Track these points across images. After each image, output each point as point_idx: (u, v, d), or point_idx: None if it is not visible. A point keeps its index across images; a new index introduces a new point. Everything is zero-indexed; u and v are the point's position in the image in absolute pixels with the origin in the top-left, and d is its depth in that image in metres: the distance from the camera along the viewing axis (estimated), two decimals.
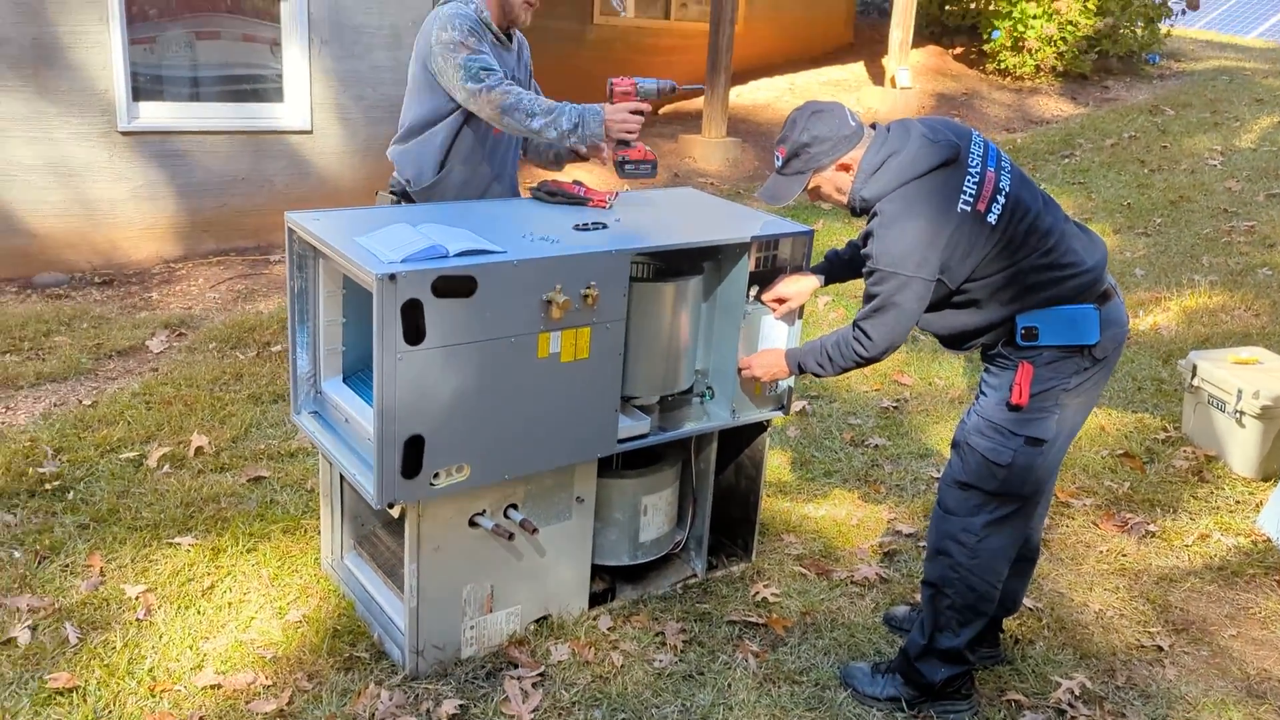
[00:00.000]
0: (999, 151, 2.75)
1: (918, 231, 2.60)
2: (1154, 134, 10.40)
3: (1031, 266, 2.64)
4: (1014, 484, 2.75)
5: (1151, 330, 6.05)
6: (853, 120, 2.73)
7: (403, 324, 2.51)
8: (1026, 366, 2.68)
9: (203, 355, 5.05)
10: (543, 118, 3.09)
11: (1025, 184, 2.71)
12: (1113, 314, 2.71)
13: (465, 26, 3.18)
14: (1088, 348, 2.66)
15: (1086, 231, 2.80)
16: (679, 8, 11.98)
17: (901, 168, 2.65)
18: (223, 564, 3.36)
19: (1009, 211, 2.63)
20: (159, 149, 6.43)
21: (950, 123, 2.78)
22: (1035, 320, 2.66)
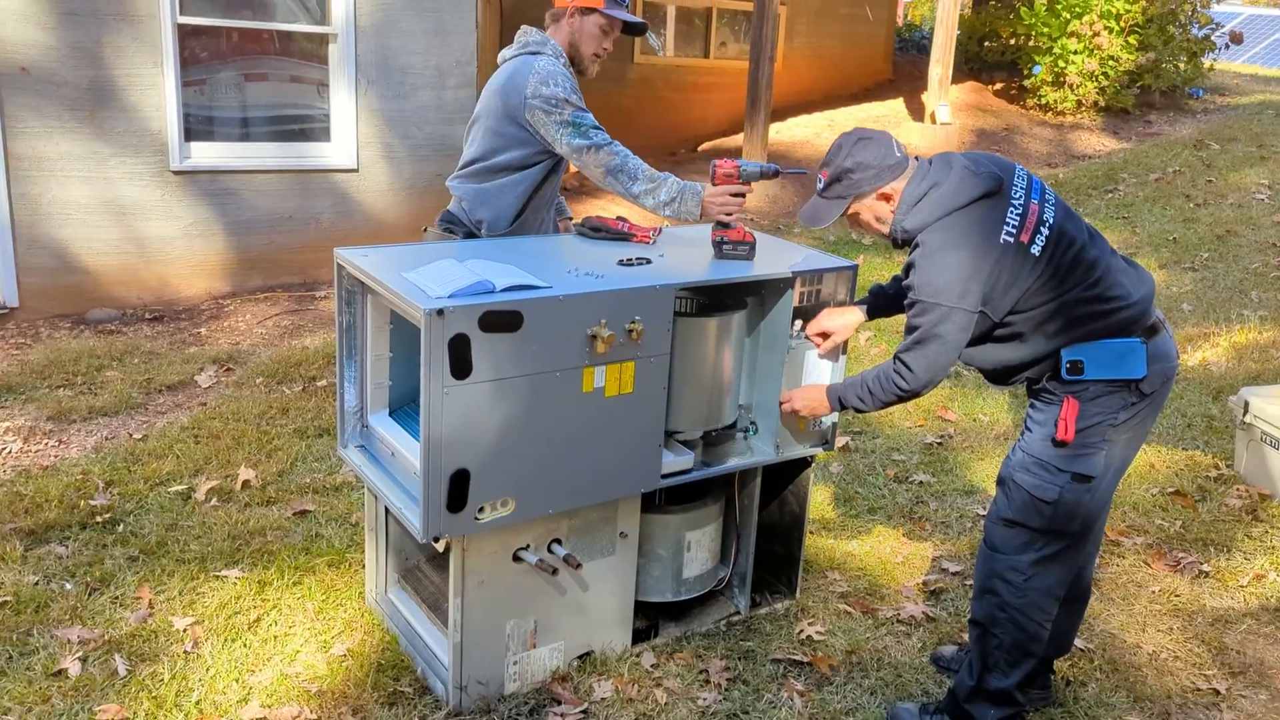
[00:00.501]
0: (1043, 185, 2.74)
1: (960, 263, 2.59)
2: (1199, 168, 10.30)
3: (1077, 299, 2.62)
4: (1061, 521, 2.71)
5: (1201, 366, 5.95)
6: (898, 151, 2.74)
7: (450, 359, 2.53)
8: (1072, 402, 2.65)
9: (250, 390, 5.13)
10: (644, 184, 3.17)
11: (1070, 217, 2.70)
12: (1161, 348, 2.68)
13: (568, 84, 3.23)
14: (1134, 382, 2.63)
15: (1133, 265, 2.78)
16: (718, 46, 12.09)
17: (944, 199, 2.65)
18: (269, 597, 3.38)
19: (1053, 243, 2.62)
20: (209, 188, 6.58)
21: (993, 156, 2.78)
22: (1081, 354, 2.63)
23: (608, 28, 3.32)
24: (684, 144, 11.70)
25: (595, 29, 3.30)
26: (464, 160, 3.47)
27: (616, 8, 3.30)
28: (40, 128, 5.96)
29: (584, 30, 3.31)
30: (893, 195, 2.73)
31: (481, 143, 3.40)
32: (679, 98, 11.69)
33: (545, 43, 3.34)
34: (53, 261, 6.15)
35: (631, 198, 3.20)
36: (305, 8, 6.84)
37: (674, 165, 10.55)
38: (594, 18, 3.30)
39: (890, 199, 2.74)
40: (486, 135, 3.37)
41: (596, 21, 3.30)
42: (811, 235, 8.71)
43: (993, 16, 13.48)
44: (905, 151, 2.76)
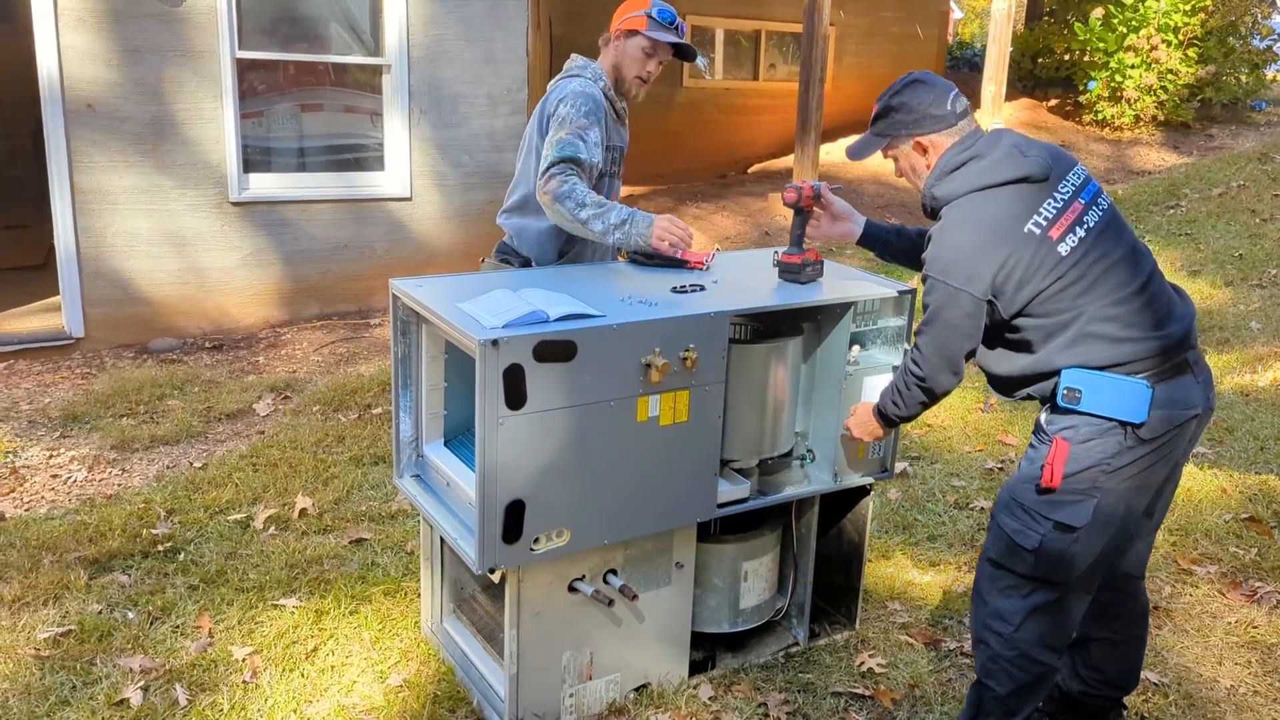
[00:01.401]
0: (1100, 189, 2.58)
1: (974, 242, 2.45)
2: (1264, 182, 10.05)
3: (1094, 316, 2.43)
4: (1045, 570, 2.50)
5: (1273, 386, 5.77)
6: (952, 105, 2.58)
7: (504, 389, 2.52)
8: (1062, 444, 2.45)
9: (307, 418, 5.18)
10: (593, 209, 3.08)
11: (1116, 229, 2.51)
12: (1175, 394, 2.45)
13: (585, 108, 3.18)
14: (1131, 425, 2.42)
15: (1180, 296, 2.58)
16: (767, 68, 12.09)
17: (979, 173, 2.50)
18: (326, 626, 3.39)
19: (1086, 248, 2.44)
20: (267, 218, 6.69)
21: (1052, 147, 2.62)
22: (1081, 382, 2.44)
23: (650, 50, 3.28)
24: (733, 166, 11.69)
25: (638, 52, 3.27)
26: (509, 194, 3.47)
27: (660, 30, 3.26)
28: (104, 162, 6.11)
29: (627, 53, 3.29)
30: (930, 149, 2.59)
31: (523, 177, 3.40)
32: (728, 120, 11.69)
33: (586, 66, 3.34)
34: (117, 292, 6.28)
35: (580, 222, 3.09)
36: (359, 39, 6.95)
37: (723, 187, 10.54)
38: (637, 40, 3.27)
39: (927, 153, 2.60)
40: (525, 170, 3.38)
41: (639, 44, 3.27)
42: (864, 257, 8.63)
43: (1046, 32, 13.33)
44: (965, 110, 2.60)
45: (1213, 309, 7.26)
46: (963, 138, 2.58)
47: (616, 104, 3.37)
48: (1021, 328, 2.51)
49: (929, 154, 2.60)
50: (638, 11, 3.27)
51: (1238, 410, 5.47)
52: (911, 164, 2.66)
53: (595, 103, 3.22)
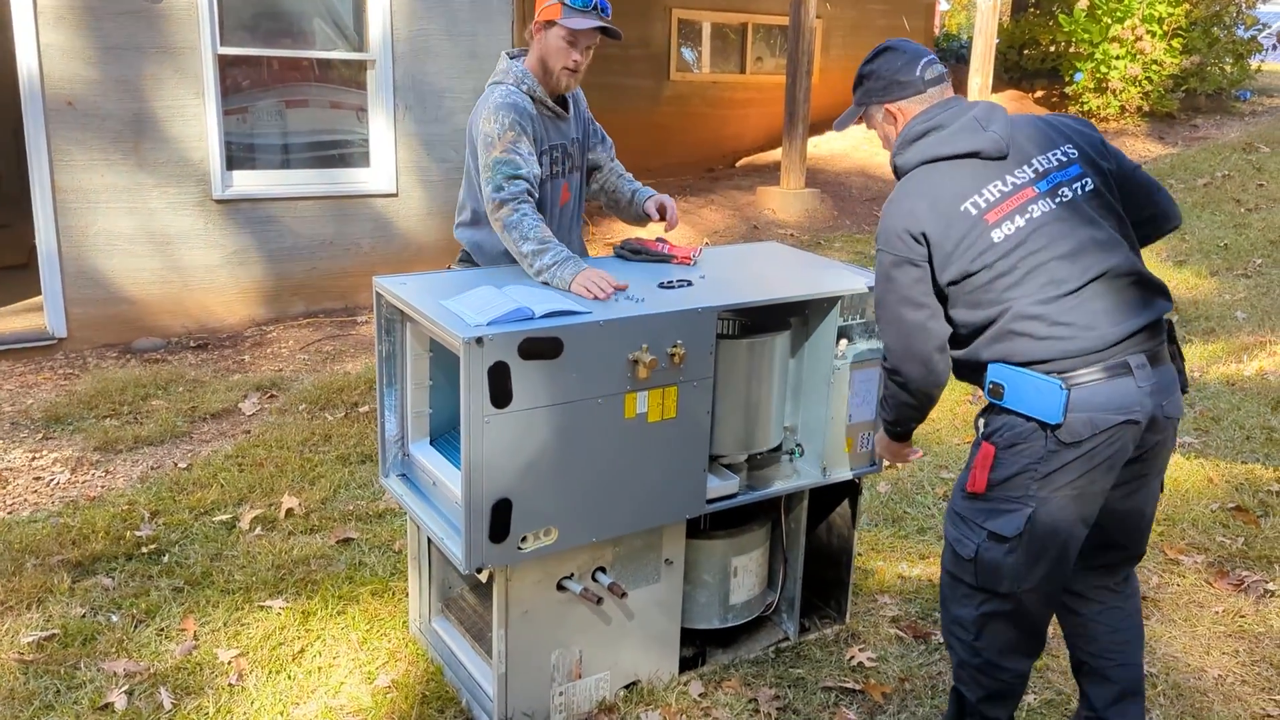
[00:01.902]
0: (1081, 175, 2.42)
1: (912, 211, 2.39)
2: (1249, 172, 10.08)
3: (1019, 313, 2.33)
4: (985, 580, 2.43)
5: (1258, 376, 5.79)
6: (921, 72, 2.51)
7: (490, 387, 2.50)
8: (987, 449, 2.38)
9: (293, 417, 5.14)
10: (533, 245, 2.97)
11: (1076, 222, 2.36)
12: (1103, 397, 2.30)
13: (508, 119, 3.05)
14: (1050, 427, 2.30)
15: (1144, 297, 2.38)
16: (754, 61, 12.06)
17: (934, 144, 2.44)
18: (313, 627, 3.37)
19: (1023, 237, 2.33)
20: (251, 215, 6.64)
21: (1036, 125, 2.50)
22: (1004, 377, 2.36)
23: (571, 39, 3.11)
24: (721, 160, 11.67)
25: (559, 42, 3.11)
26: (460, 208, 3.38)
27: (576, 16, 3.08)
28: (85, 160, 6.06)
29: (549, 45, 3.13)
30: (899, 116, 2.53)
31: (467, 190, 3.32)
32: (715, 114, 11.67)
33: (508, 71, 3.18)
34: (99, 292, 6.23)
35: (519, 255, 3.02)
36: (343, 35, 6.90)
37: (711, 181, 10.52)
38: (555, 30, 3.11)
39: (896, 120, 2.54)
40: (468, 178, 3.30)
41: (558, 34, 3.10)
42: (851, 251, 8.63)
43: (1032, 24, 13.34)
44: (937, 77, 2.52)
45: (1198, 299, 7.28)
46: (930, 106, 2.51)
47: (547, 101, 3.20)
48: (955, 320, 2.44)
49: (898, 121, 2.55)
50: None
51: (1224, 400, 5.48)
52: (884, 133, 2.62)
53: (518, 110, 3.09)
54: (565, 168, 3.32)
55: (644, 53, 10.91)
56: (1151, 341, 2.39)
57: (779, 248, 3.67)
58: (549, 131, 3.22)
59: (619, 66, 10.59)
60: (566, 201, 3.34)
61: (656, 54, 11.03)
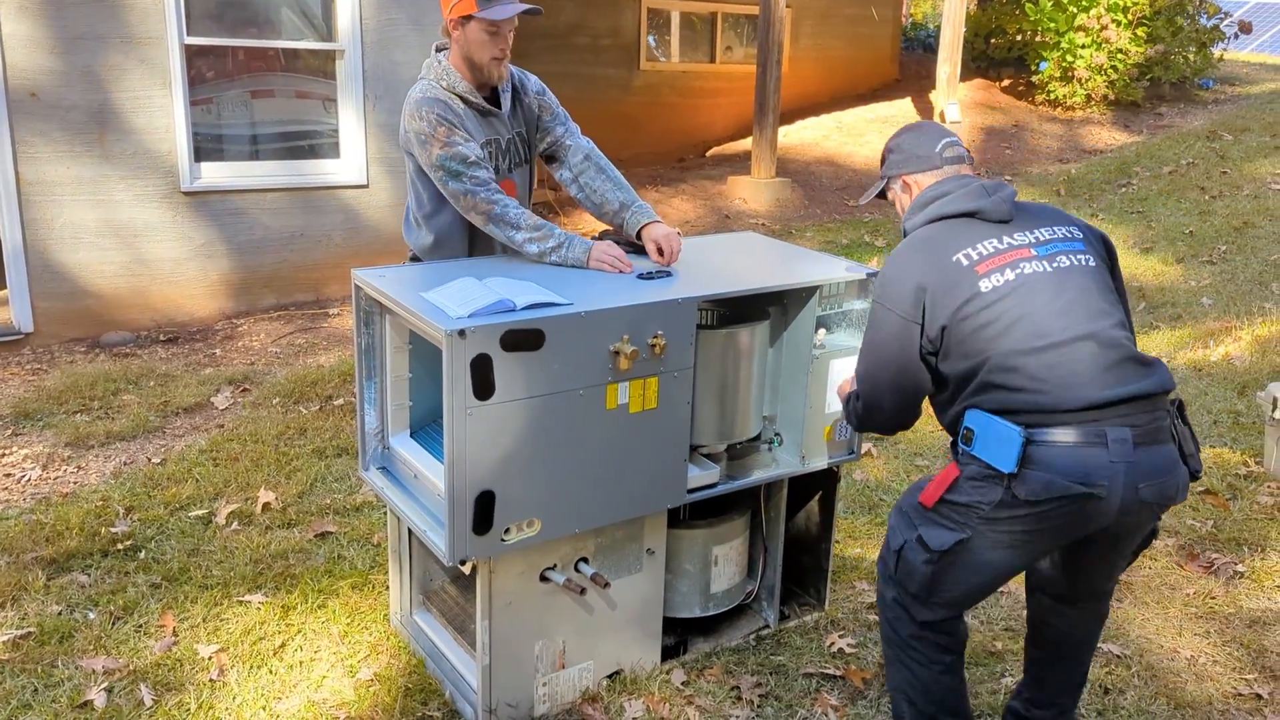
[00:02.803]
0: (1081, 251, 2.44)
1: (908, 264, 2.47)
2: (1213, 160, 10.22)
3: (998, 365, 2.32)
4: (902, 576, 2.51)
5: (1224, 361, 5.88)
6: (941, 149, 2.61)
7: (472, 379, 2.50)
8: (953, 469, 2.40)
9: (267, 410, 5.10)
10: (528, 231, 2.98)
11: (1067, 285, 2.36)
12: (1068, 462, 2.24)
13: (434, 115, 2.97)
14: (1007, 478, 2.28)
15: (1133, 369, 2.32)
16: (724, 51, 12.07)
17: (939, 207, 2.53)
18: (293, 621, 3.35)
19: (1010, 289, 2.34)
20: (220, 208, 6.57)
21: (1046, 208, 2.57)
22: (976, 423, 2.36)
23: (493, 29, 2.98)
24: (691, 150, 11.68)
25: (481, 35, 2.98)
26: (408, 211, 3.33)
27: (492, 6, 2.95)
28: (50, 152, 5.96)
29: (470, 40, 2.99)
30: (913, 188, 2.65)
31: (410, 191, 3.26)
32: (685, 104, 11.67)
33: (429, 67, 3.09)
34: (66, 286, 6.15)
35: (516, 245, 3.01)
36: (311, 24, 6.83)
37: (681, 171, 10.53)
38: (474, 24, 2.97)
39: (910, 191, 2.65)
40: (409, 180, 3.25)
41: (479, 28, 2.97)
42: (823, 240, 8.67)
43: (999, 13, 13.43)
44: (953, 156, 2.62)
45: (1165, 285, 7.38)
46: (943, 179, 2.60)
47: (473, 97, 3.08)
48: (943, 371, 2.45)
49: (912, 191, 2.65)
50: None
51: (1191, 385, 5.57)
52: (901, 203, 2.71)
53: (441, 105, 3.01)
54: (507, 164, 3.21)
55: (614, 43, 10.89)
56: (1143, 416, 2.29)
57: (756, 238, 3.69)
58: (479, 129, 3.11)
59: (589, 56, 10.57)
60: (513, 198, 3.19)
61: (626, 44, 11.01)
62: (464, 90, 3.06)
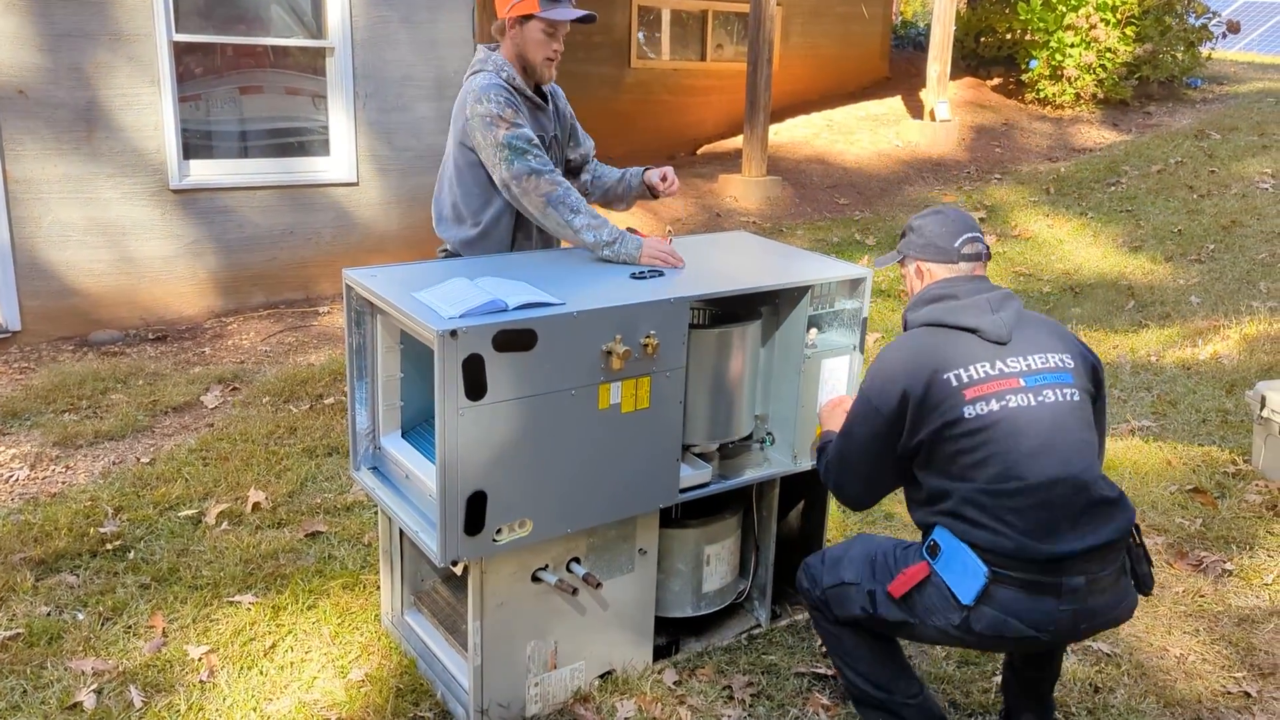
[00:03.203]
0: (1071, 384, 2.47)
1: (900, 366, 2.49)
2: (1201, 159, 10.26)
3: (967, 497, 2.40)
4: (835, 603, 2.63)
5: (1212, 359, 5.91)
6: (960, 244, 2.61)
7: (464, 380, 2.49)
8: (923, 567, 2.45)
9: (257, 409, 5.08)
10: (587, 218, 3.05)
11: (1051, 424, 2.40)
12: (1021, 607, 2.34)
13: (500, 98, 3.06)
14: (963, 607, 2.38)
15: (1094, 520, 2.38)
16: (715, 49, 12.07)
17: (942, 312, 2.54)
18: (283, 622, 3.34)
19: (993, 421, 2.38)
20: (209, 205, 6.54)
21: (1052, 327, 2.58)
22: (944, 541, 2.43)
23: (551, 30, 3.12)
24: (683, 147, 11.67)
25: (538, 35, 3.11)
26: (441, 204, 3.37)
27: (554, 7, 3.08)
28: (38, 150, 5.93)
29: (527, 38, 3.13)
30: (924, 276, 2.66)
31: (453, 188, 3.31)
32: (676, 101, 11.67)
33: (486, 59, 3.19)
34: (53, 284, 6.11)
35: (572, 230, 3.06)
36: (301, 21, 6.81)
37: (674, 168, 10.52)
38: (534, 23, 3.10)
39: (922, 278, 2.67)
40: (451, 178, 3.30)
41: (537, 27, 3.10)
42: (813, 239, 8.67)
43: (988, 12, 13.46)
44: (971, 253, 2.61)
45: (1154, 284, 7.41)
46: (955, 277, 2.61)
47: (527, 92, 3.20)
48: (918, 477, 2.52)
49: (923, 279, 2.67)
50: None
51: (1180, 383, 5.60)
52: (910, 285, 2.74)
53: (508, 92, 3.10)
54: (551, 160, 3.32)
55: (605, 39, 10.87)
56: (1100, 564, 2.39)
57: (748, 237, 3.69)
58: (531, 123, 3.20)
59: (581, 54, 10.55)
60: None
61: (618, 41, 11.00)
62: (519, 84, 3.17)
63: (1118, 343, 6.36)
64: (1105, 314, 6.76)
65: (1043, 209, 9.49)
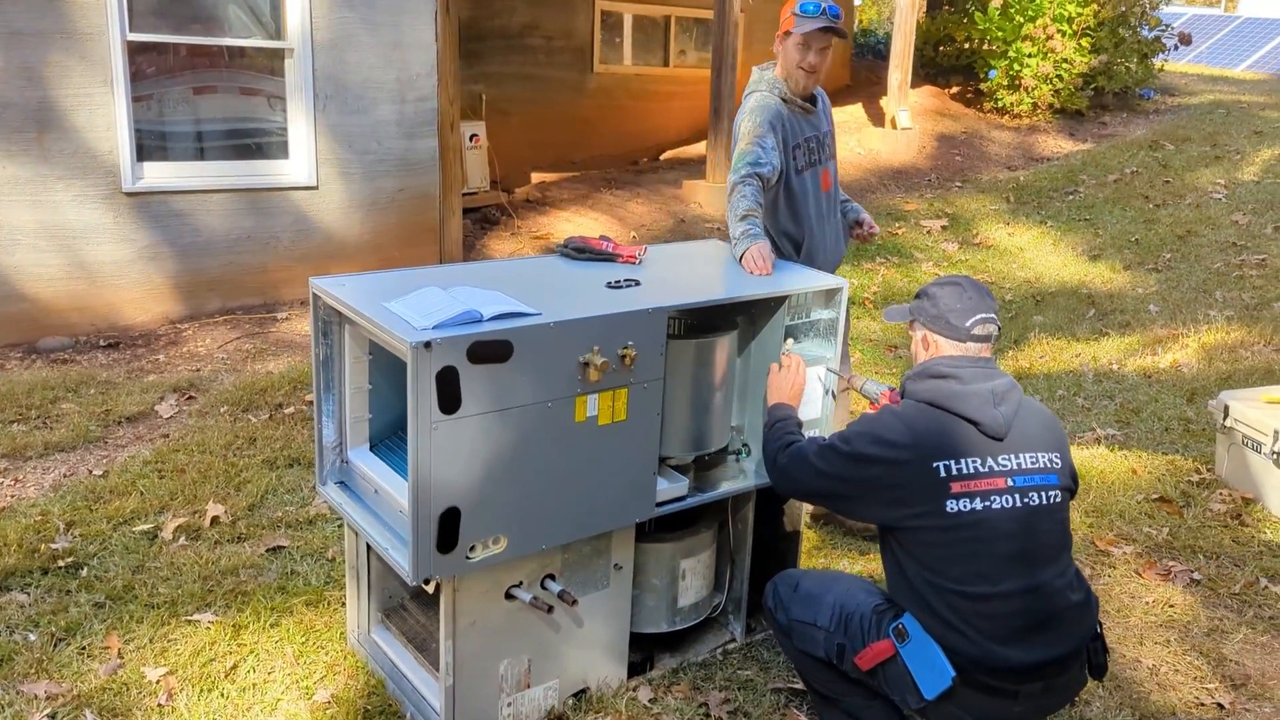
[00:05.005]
0: (1051, 492, 2.50)
1: (895, 443, 2.48)
2: (1156, 169, 10.41)
3: (941, 591, 2.43)
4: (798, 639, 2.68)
5: (1173, 368, 5.97)
6: (971, 324, 2.57)
7: (438, 393, 2.42)
8: (889, 646, 2.49)
9: (214, 419, 4.95)
10: (736, 215, 3.34)
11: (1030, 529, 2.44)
12: (976, 708, 2.43)
13: (757, 119, 3.51)
14: (923, 700, 2.42)
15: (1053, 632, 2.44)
16: (677, 54, 12.04)
17: (945, 395, 2.51)
18: (245, 641, 3.23)
19: (975, 520, 2.41)
20: (163, 209, 6.38)
21: (1047, 421, 2.59)
22: (915, 635, 2.45)
23: (804, 43, 3.53)
24: (645, 153, 11.63)
25: (794, 49, 3.54)
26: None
27: (806, 22, 3.49)
28: None
29: (787, 53, 3.57)
30: (931, 348, 2.64)
31: None
32: (639, 106, 11.62)
33: (759, 79, 3.66)
34: (1, 289, 5.92)
35: (730, 221, 3.41)
36: (260, 22, 6.67)
37: (636, 174, 10.48)
38: (791, 38, 3.55)
39: (928, 349, 2.65)
40: None
41: (793, 41, 3.54)
42: None
43: (947, 21, 13.57)
44: (983, 335, 2.58)
45: (1114, 293, 7.49)
46: (961, 356, 2.58)
47: (797, 100, 3.62)
48: (893, 552, 2.55)
49: (929, 350, 2.65)
50: (788, 12, 3.55)
51: (1142, 392, 5.64)
52: (915, 351, 2.72)
53: (769, 110, 3.53)
54: (821, 156, 3.75)
55: (568, 44, 10.80)
56: (1059, 669, 2.46)
57: (720, 246, 3.64)
58: (801, 126, 3.65)
59: (543, 58, 10.47)
60: (829, 188, 3.78)
61: (580, 45, 10.93)
62: (788, 94, 3.61)
63: (1080, 351, 6.41)
64: (1067, 322, 6.81)
65: (1003, 217, 9.57)
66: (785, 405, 2.92)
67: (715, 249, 3.60)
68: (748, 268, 3.20)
